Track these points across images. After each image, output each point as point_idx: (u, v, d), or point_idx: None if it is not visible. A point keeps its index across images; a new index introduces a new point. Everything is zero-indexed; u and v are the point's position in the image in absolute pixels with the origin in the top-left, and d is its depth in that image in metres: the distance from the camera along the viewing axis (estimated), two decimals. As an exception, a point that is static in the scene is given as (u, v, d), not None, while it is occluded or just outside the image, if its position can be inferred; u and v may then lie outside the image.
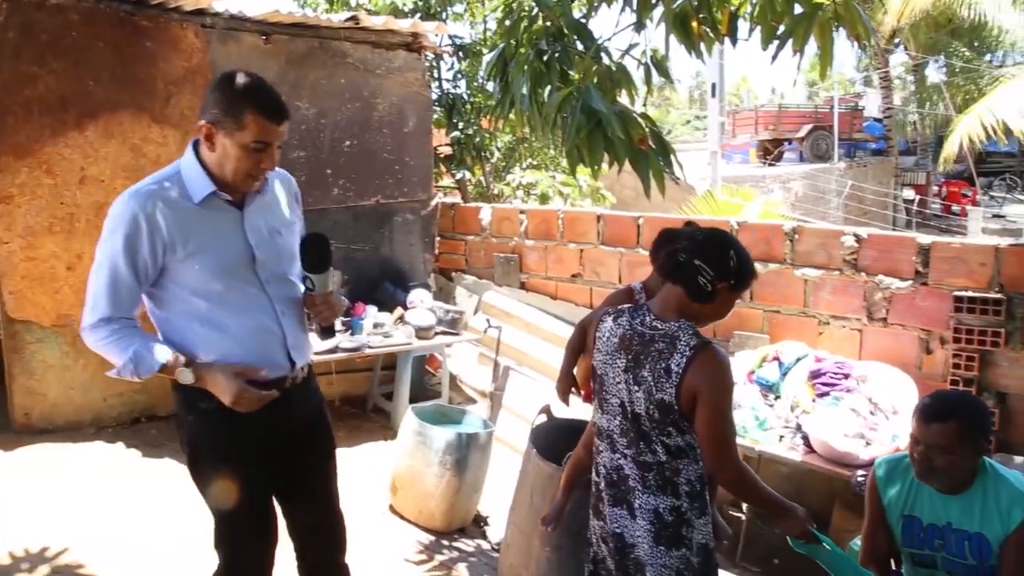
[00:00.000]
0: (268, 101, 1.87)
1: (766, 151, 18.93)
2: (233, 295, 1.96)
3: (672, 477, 1.99)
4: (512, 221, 5.17)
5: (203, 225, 1.93)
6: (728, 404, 1.92)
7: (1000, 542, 2.06)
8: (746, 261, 1.95)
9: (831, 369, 3.53)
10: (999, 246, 3.36)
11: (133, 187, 1.92)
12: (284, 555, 2.24)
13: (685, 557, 1.98)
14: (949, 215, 16.39)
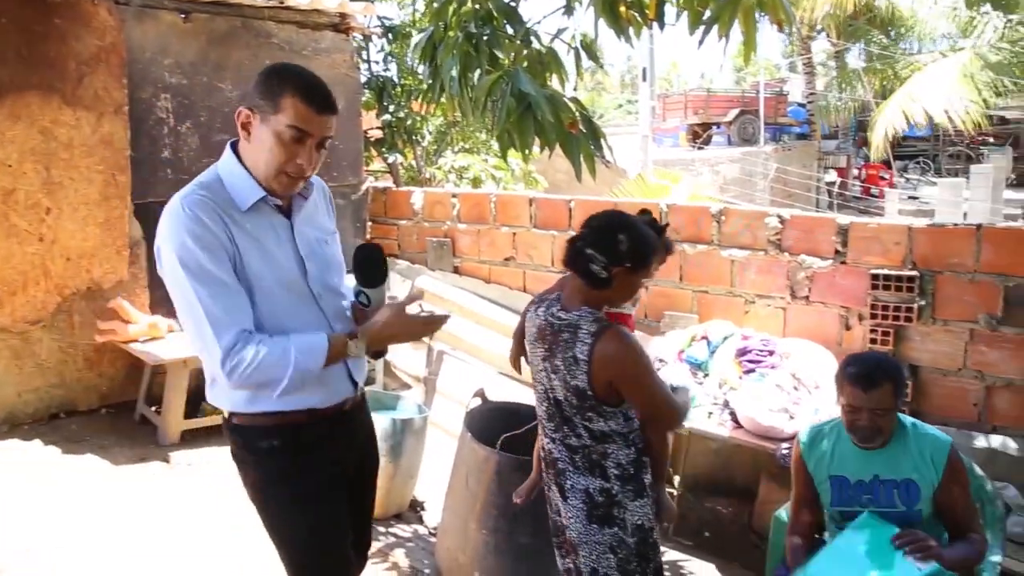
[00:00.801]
0: (310, 85, 1.68)
1: (695, 135, 19.31)
2: (288, 313, 1.75)
3: (600, 460, 2.05)
4: (444, 205, 5.14)
5: (255, 235, 1.71)
6: (645, 373, 1.99)
7: (931, 486, 2.20)
8: (641, 242, 1.97)
9: (757, 347, 3.64)
10: (912, 226, 3.51)
11: (180, 195, 1.70)
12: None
13: (618, 535, 2.04)
14: (868, 197, 17.06)
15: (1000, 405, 3.32)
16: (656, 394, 2.01)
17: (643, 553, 2.07)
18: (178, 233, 1.63)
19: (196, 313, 1.63)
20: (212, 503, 3.62)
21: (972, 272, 3.32)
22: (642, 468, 2.07)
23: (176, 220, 1.65)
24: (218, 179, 1.74)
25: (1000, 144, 18.27)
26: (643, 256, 1.98)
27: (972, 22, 13.59)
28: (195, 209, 1.65)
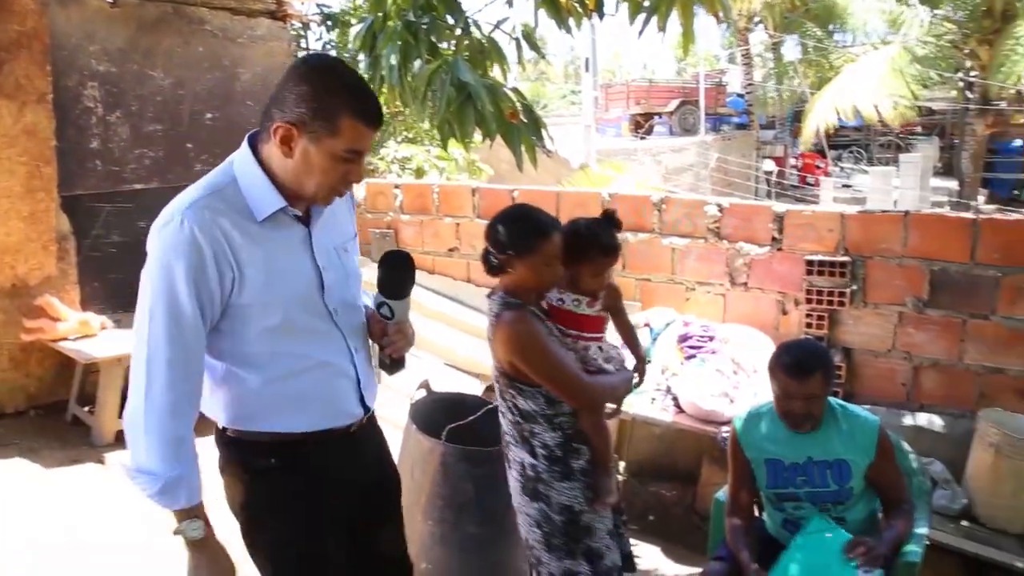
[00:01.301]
0: (369, 102, 1.52)
1: (637, 125, 19.53)
2: (300, 334, 1.59)
3: (528, 437, 2.18)
4: (387, 196, 5.09)
5: (268, 248, 1.54)
6: (540, 357, 2.07)
7: (863, 465, 2.28)
8: (519, 231, 2.08)
9: (697, 333, 3.72)
10: (844, 213, 3.62)
11: (183, 201, 1.51)
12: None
13: (543, 511, 2.15)
14: (805, 185, 17.53)
15: (927, 384, 3.46)
16: (556, 377, 2.08)
17: (571, 534, 2.14)
18: (169, 247, 1.48)
19: (148, 336, 1.49)
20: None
21: (900, 257, 3.45)
22: (571, 453, 2.14)
23: (171, 234, 1.48)
24: (233, 181, 1.55)
25: (928, 134, 18.96)
26: (522, 243, 2.07)
27: (901, 16, 14.04)
28: (197, 219, 1.47)
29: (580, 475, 2.15)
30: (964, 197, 12.79)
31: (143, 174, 4.50)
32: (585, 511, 2.16)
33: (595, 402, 2.19)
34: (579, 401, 2.15)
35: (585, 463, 2.16)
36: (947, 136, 18.88)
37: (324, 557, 1.71)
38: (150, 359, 1.47)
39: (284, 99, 1.50)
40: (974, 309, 3.31)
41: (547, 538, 2.16)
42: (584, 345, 2.24)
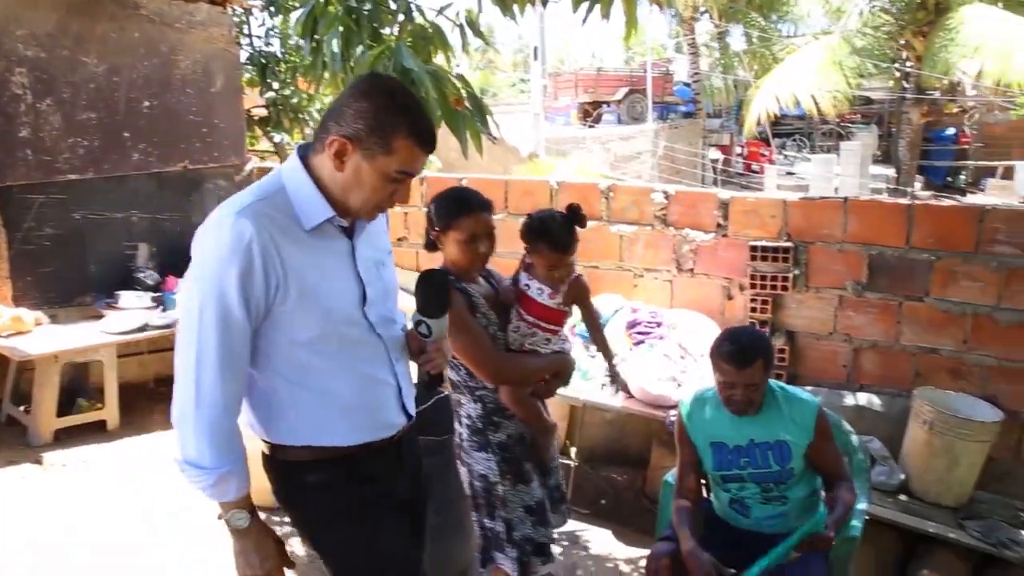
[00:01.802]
0: (425, 124, 1.53)
1: (586, 113, 19.61)
2: (343, 345, 1.60)
3: (457, 407, 2.37)
4: (335, 185, 5.02)
5: (315, 257, 1.55)
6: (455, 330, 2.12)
7: (803, 445, 2.35)
8: (441, 207, 2.22)
9: (645, 319, 3.76)
10: (787, 200, 3.69)
11: (234, 204, 1.50)
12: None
13: (467, 476, 2.38)
14: (750, 173, 17.85)
15: (866, 365, 3.56)
16: (466, 351, 2.21)
17: (489, 502, 2.32)
18: (221, 248, 1.46)
19: (197, 341, 1.49)
20: (92, 504, 3.43)
21: (840, 242, 3.53)
22: (491, 426, 2.30)
23: (224, 234, 1.46)
24: (282, 189, 1.55)
25: (867, 123, 19.48)
26: (445, 218, 2.20)
27: (842, 7, 14.37)
28: (251, 222, 1.46)
29: (497, 448, 2.30)
30: (901, 184, 13.19)
31: (77, 164, 4.35)
32: (499, 483, 2.30)
33: (503, 377, 2.28)
34: (487, 375, 2.26)
35: (505, 437, 2.30)
36: (885, 125, 19.42)
37: (397, 553, 1.75)
38: (200, 360, 1.48)
39: (343, 113, 1.50)
40: (909, 292, 3.42)
41: (473, 498, 2.38)
42: (531, 332, 2.32)
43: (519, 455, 2.37)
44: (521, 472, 2.36)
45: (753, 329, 2.43)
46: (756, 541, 2.45)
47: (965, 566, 2.88)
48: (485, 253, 2.27)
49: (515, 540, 2.34)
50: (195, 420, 1.50)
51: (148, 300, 4.33)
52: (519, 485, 2.35)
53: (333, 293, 1.57)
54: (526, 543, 2.36)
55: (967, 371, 3.35)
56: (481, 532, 2.41)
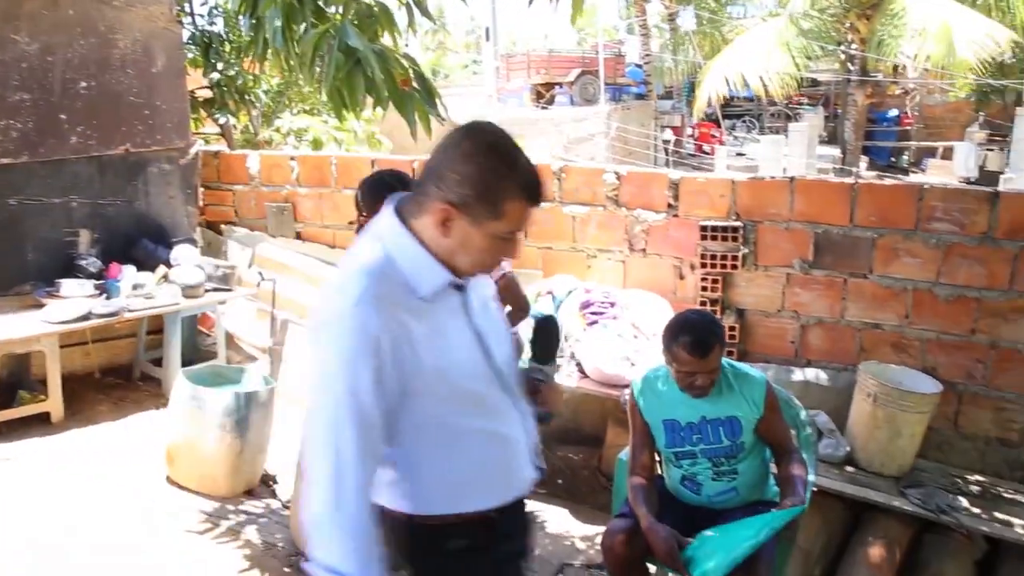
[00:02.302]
0: (533, 176, 1.41)
1: (539, 95, 19.55)
2: (477, 404, 1.52)
3: None
4: (283, 168, 4.93)
5: (435, 323, 1.45)
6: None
7: (753, 420, 2.41)
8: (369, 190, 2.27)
9: (599, 299, 3.79)
10: (735, 180, 3.75)
11: (348, 292, 1.38)
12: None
13: None
14: (701, 154, 18.03)
15: (813, 341, 3.65)
16: None
17: None
18: (348, 341, 1.36)
19: (333, 441, 1.37)
20: (35, 500, 3.34)
21: (787, 221, 3.60)
22: None
23: (348, 325, 1.37)
24: (390, 260, 1.42)
25: (814, 104, 19.83)
26: (369, 203, 2.27)
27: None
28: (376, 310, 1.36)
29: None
30: (847, 164, 13.48)
31: (11, 148, 4.18)
32: None
33: None
34: None
35: None
36: (831, 106, 19.80)
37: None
38: (339, 461, 1.36)
39: (444, 176, 1.38)
40: (854, 269, 3.50)
41: None
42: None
43: None
44: None
45: (705, 314, 2.46)
46: (707, 516, 2.50)
47: (907, 532, 2.98)
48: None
49: None
50: (338, 524, 1.36)
51: (91, 288, 4.20)
52: None
53: (458, 354, 1.48)
54: None
55: (908, 345, 3.45)
56: None
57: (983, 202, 3.23)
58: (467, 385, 1.49)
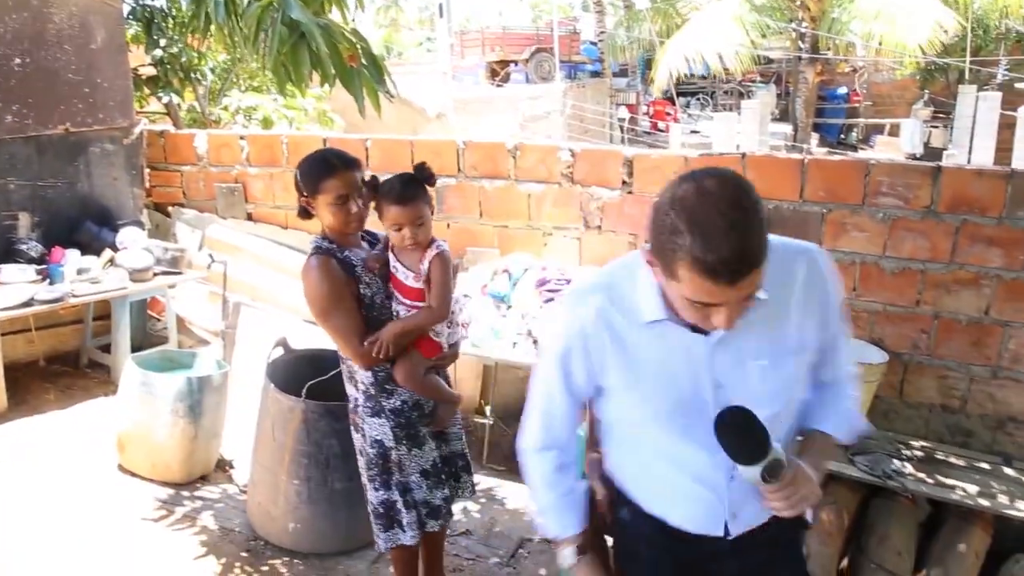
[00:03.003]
0: (721, 249, 1.18)
1: (494, 72, 19.43)
2: (670, 432, 1.49)
3: (351, 372, 2.38)
4: (232, 148, 4.81)
5: (648, 348, 1.44)
6: (318, 301, 2.24)
7: None
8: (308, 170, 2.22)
9: (555, 276, 3.79)
10: (688, 156, 3.78)
11: (586, 283, 1.56)
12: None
13: (360, 441, 2.41)
14: (656, 131, 18.14)
15: (764, 315, 3.71)
16: (330, 329, 2.26)
17: (383, 467, 2.36)
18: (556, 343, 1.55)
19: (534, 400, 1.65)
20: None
21: (739, 196, 3.64)
22: (383, 392, 2.32)
23: (559, 322, 1.57)
24: (629, 278, 1.45)
25: (766, 82, 20.06)
26: (310, 184, 2.21)
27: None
28: (579, 319, 1.49)
29: (391, 414, 2.32)
30: (798, 141, 13.70)
31: (-57, 127, 4.01)
32: (394, 448, 2.34)
33: (363, 359, 2.27)
34: (350, 355, 2.29)
35: (399, 403, 2.33)
36: (783, 84, 20.05)
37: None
38: (535, 405, 1.66)
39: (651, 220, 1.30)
40: (804, 243, 3.56)
41: (367, 467, 2.39)
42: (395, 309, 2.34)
43: (414, 420, 2.37)
44: (416, 436, 2.38)
45: None
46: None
47: (855, 497, 3.08)
48: (359, 212, 2.23)
49: (411, 503, 2.39)
50: (527, 457, 1.70)
51: (32, 273, 4.07)
52: (414, 449, 2.38)
53: (661, 383, 1.45)
54: (422, 506, 2.41)
55: (856, 317, 3.53)
56: (376, 504, 2.41)
57: (926, 177, 3.30)
58: (663, 413, 1.47)
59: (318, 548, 3.02)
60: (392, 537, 2.42)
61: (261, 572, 2.92)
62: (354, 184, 2.20)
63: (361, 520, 3.03)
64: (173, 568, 2.90)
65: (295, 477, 2.97)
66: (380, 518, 2.41)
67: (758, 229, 1.23)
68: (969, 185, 3.26)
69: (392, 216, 2.19)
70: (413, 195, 2.19)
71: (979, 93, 12.64)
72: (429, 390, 2.38)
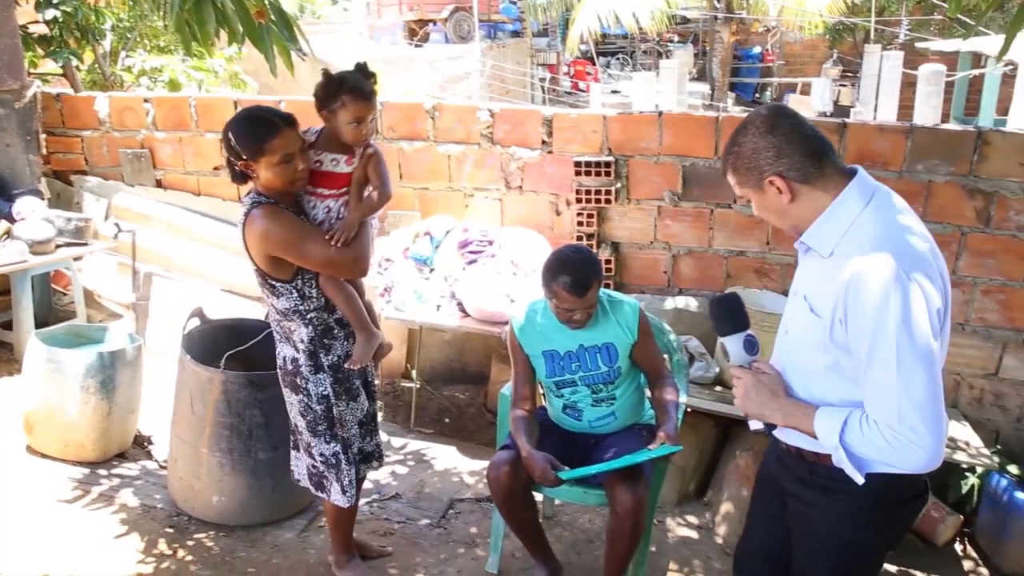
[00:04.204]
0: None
1: (412, 32, 19.00)
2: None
3: (288, 333, 2.36)
4: (137, 111, 4.57)
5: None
6: (288, 246, 2.20)
7: (628, 345, 2.52)
8: (248, 132, 2.14)
9: (477, 238, 3.79)
10: (606, 116, 3.80)
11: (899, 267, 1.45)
12: None
13: (304, 401, 2.39)
14: (578, 91, 18.15)
15: (684, 271, 3.81)
16: (308, 256, 2.22)
17: (329, 423, 2.39)
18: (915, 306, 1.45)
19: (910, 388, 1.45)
20: None
21: (657, 155, 3.70)
22: (322, 348, 2.34)
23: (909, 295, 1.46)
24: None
25: (683, 42, 20.28)
26: (253, 146, 2.12)
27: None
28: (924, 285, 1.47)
29: (330, 370, 2.36)
30: (715, 100, 13.97)
31: None
32: (335, 404, 2.39)
33: (358, 263, 2.29)
34: (344, 271, 2.29)
35: (336, 358, 2.37)
36: (700, 44, 20.32)
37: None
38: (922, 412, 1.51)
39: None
40: (719, 200, 3.66)
41: (311, 426, 2.40)
42: (344, 202, 2.33)
43: (349, 373, 2.42)
44: (351, 389, 2.44)
45: (583, 251, 2.49)
46: (588, 441, 2.61)
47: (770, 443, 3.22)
48: (305, 169, 2.21)
49: (351, 459, 2.45)
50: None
51: (-78, 247, 3.81)
52: (351, 403, 2.44)
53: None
54: (358, 455, 2.50)
55: (769, 270, 3.67)
56: (319, 459, 2.44)
57: (832, 133, 3.42)
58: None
59: (244, 520, 2.98)
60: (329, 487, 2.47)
61: (187, 547, 2.86)
62: (298, 140, 2.17)
63: (288, 489, 3.01)
64: (93, 549, 2.81)
65: (217, 449, 2.91)
66: (323, 466, 2.46)
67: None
68: (872, 140, 3.40)
69: (356, 110, 2.21)
70: (372, 89, 2.28)
71: (883, 52, 13.10)
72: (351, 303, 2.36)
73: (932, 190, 3.36)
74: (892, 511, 1.65)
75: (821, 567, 1.70)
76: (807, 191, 1.57)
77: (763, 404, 1.66)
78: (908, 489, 1.63)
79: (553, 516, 3.18)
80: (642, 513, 2.37)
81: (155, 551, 2.83)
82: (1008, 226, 3.32)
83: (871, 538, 1.65)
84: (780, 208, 1.61)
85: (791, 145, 1.56)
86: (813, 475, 1.66)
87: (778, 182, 1.56)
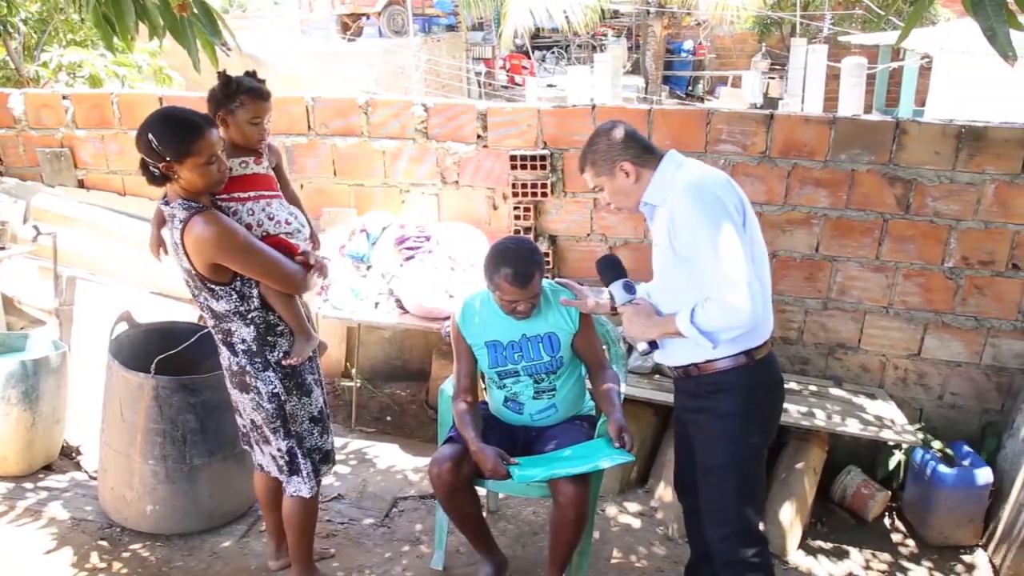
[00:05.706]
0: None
1: (345, 26, 18.71)
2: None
3: (227, 338, 2.31)
4: (55, 109, 4.38)
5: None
6: (235, 251, 2.15)
7: (570, 334, 2.55)
8: (171, 133, 2.07)
9: (414, 234, 3.76)
10: (540, 109, 3.81)
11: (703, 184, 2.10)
12: None
13: (255, 400, 2.35)
14: (514, 85, 18.18)
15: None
16: (257, 266, 2.19)
17: (283, 420, 2.37)
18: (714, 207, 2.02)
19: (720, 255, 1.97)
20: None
21: (591, 148, 3.72)
22: (266, 346, 2.31)
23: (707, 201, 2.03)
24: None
25: (617, 36, 20.51)
26: (177, 148, 2.07)
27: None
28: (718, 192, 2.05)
29: (277, 366, 2.34)
30: (649, 93, 14.17)
31: None
32: (287, 400, 2.37)
33: (300, 285, 2.30)
34: (291, 285, 2.27)
35: (280, 354, 2.34)
36: (633, 38, 20.58)
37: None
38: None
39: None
40: (653, 191, 3.70)
41: (270, 421, 2.37)
42: (266, 202, 2.33)
43: (299, 369, 2.39)
44: (303, 385, 2.41)
45: (524, 242, 2.50)
46: (529, 434, 2.63)
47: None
48: (225, 169, 2.20)
49: (306, 451, 2.43)
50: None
51: None
52: (303, 398, 2.41)
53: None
54: (314, 452, 2.46)
55: (703, 259, 3.74)
56: (284, 451, 2.41)
57: (760, 124, 3.51)
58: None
59: (181, 528, 2.91)
60: (291, 482, 2.45)
61: (122, 559, 2.78)
62: (220, 141, 2.15)
63: (226, 495, 2.95)
64: (22, 566, 2.70)
65: (150, 457, 2.83)
66: (284, 463, 2.43)
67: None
68: (798, 131, 3.50)
69: (255, 109, 2.30)
70: (268, 90, 2.35)
71: (809, 46, 13.50)
72: (292, 311, 2.33)
73: (855, 179, 3.48)
74: (760, 394, 2.15)
75: (717, 461, 2.16)
76: (646, 172, 2.14)
77: (643, 325, 2.18)
78: (768, 376, 2.18)
79: (497, 510, 3.19)
80: (585, 503, 2.40)
81: (88, 565, 2.73)
82: (926, 212, 3.47)
83: (751, 427, 2.14)
84: (627, 188, 2.15)
85: (632, 141, 2.15)
86: (699, 385, 2.18)
87: (627, 166, 2.13)
